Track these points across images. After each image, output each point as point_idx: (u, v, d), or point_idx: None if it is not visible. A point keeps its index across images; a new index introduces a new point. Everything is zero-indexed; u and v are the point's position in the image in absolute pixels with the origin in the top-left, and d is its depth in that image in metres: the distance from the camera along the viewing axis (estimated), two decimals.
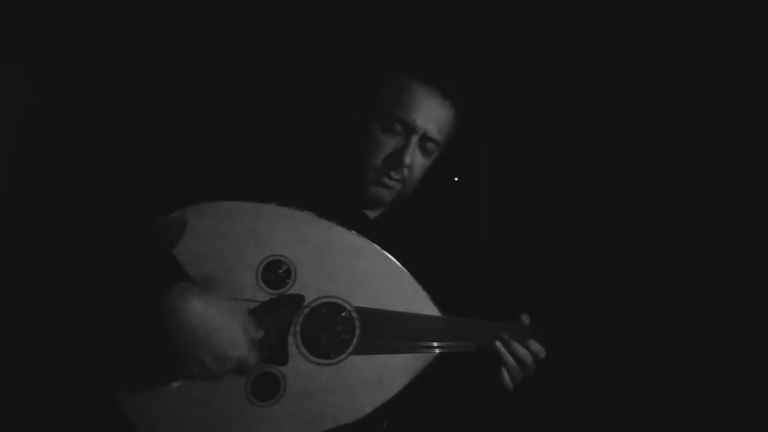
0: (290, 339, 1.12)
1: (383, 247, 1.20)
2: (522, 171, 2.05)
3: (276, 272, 1.11)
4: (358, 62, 1.82)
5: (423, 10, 1.98)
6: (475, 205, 2.10)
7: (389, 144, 1.23)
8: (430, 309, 1.22)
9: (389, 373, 1.17)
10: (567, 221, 1.94)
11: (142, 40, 1.57)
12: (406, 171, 1.25)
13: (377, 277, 1.18)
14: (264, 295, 1.10)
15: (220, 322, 1.01)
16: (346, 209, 1.29)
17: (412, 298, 1.21)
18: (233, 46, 1.71)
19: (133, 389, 1.05)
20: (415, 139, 1.23)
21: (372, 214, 1.35)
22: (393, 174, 1.24)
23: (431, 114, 1.24)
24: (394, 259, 1.21)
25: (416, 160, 1.26)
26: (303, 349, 1.12)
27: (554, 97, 1.96)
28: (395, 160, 1.23)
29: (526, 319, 1.26)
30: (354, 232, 1.18)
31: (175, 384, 1.06)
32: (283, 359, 1.11)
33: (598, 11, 1.90)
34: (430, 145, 1.26)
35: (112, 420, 1.02)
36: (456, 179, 1.29)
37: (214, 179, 1.16)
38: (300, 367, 1.12)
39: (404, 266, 1.21)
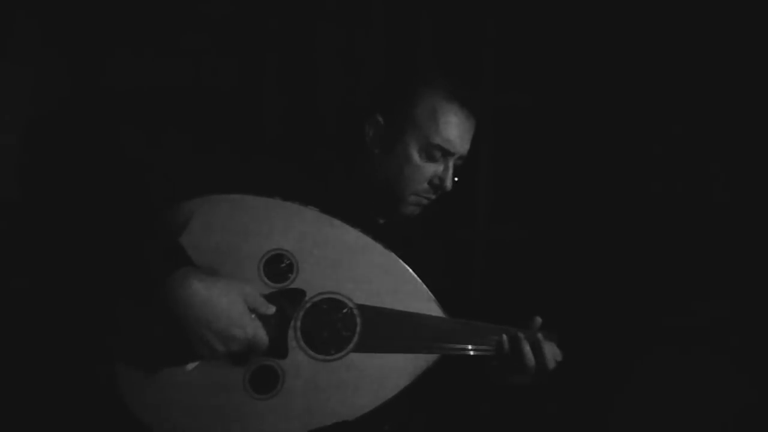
0: (290, 333, 1.12)
1: (390, 250, 1.21)
2: (522, 171, 2.00)
3: (278, 266, 1.12)
4: (358, 62, 1.83)
5: (423, 10, 1.97)
6: (475, 205, 2.05)
7: (429, 170, 1.29)
8: (434, 310, 1.21)
9: (390, 373, 1.16)
10: (568, 221, 1.89)
11: (142, 39, 1.61)
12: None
13: (381, 276, 1.18)
14: (265, 288, 1.11)
15: (224, 302, 1.02)
16: (355, 211, 1.30)
17: (416, 299, 1.20)
18: (233, 45, 1.73)
19: (133, 377, 1.06)
20: (452, 161, 1.30)
21: (382, 219, 1.36)
22: (433, 196, 1.31)
23: (466, 137, 1.31)
24: (399, 259, 1.20)
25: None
26: (303, 344, 1.13)
27: (554, 96, 1.92)
28: (439, 186, 1.29)
29: (538, 321, 1.23)
30: (359, 229, 1.19)
31: (175, 372, 1.07)
32: (283, 353, 1.11)
33: (598, 11, 1.87)
34: (460, 161, 1.33)
35: (112, 408, 1.04)
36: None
37: (221, 173, 1.19)
38: (299, 361, 1.12)
39: (411, 268, 1.21)
